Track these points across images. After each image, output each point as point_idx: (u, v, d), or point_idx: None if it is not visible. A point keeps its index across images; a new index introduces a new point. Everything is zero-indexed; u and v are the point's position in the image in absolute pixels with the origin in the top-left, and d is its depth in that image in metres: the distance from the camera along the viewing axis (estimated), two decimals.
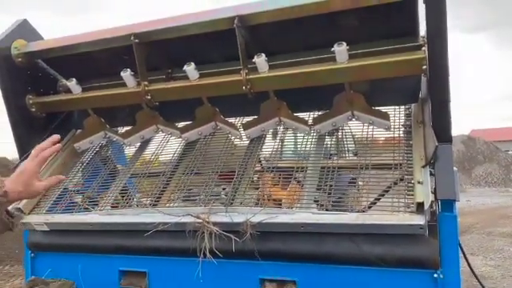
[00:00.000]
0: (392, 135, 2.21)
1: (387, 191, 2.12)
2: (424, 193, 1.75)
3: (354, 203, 2.17)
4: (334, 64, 2.04)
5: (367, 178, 2.13)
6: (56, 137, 1.55)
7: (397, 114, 2.30)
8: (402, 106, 2.32)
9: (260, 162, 2.48)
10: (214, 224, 1.95)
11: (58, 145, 1.54)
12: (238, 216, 1.97)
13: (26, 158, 2.46)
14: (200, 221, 1.96)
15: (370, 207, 2.25)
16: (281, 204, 2.37)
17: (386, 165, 2.10)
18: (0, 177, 1.42)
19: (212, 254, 1.95)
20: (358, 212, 1.92)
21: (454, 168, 2.06)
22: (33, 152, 1.48)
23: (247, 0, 2.10)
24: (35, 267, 2.54)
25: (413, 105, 2.26)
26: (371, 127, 2.25)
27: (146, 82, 2.31)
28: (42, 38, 2.67)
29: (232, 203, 2.08)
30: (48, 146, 1.50)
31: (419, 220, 1.72)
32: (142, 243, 2.21)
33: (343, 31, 2.12)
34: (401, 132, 2.21)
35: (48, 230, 2.38)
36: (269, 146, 2.42)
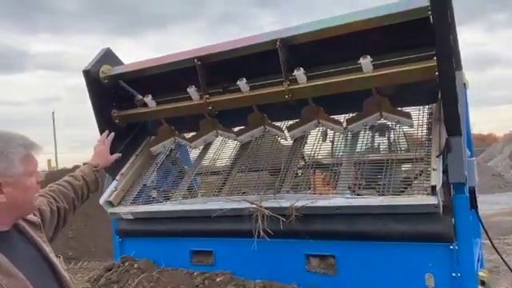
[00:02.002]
0: (416, 132, 2.57)
1: (411, 182, 2.46)
2: (437, 177, 2.10)
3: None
4: (362, 73, 2.43)
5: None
6: (107, 132, 2.60)
7: (421, 113, 2.65)
8: (426, 106, 2.66)
9: (303, 158, 2.90)
10: (266, 208, 2.40)
11: (112, 133, 2.60)
12: (284, 201, 2.40)
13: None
14: (254, 206, 2.42)
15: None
16: None
17: (411, 159, 2.47)
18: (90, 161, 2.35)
19: (264, 233, 2.39)
20: (383, 196, 2.28)
21: (473, 158, 2.40)
22: (100, 141, 2.50)
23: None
24: (122, 250, 3.09)
25: (434, 104, 2.60)
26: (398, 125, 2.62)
27: (207, 96, 2.81)
28: (121, 62, 3.25)
29: (280, 191, 2.52)
30: (106, 136, 2.53)
31: (433, 200, 2.08)
32: (209, 227, 2.69)
33: (370, 45, 2.50)
34: (424, 128, 2.56)
35: (132, 218, 2.94)
36: (310, 144, 2.83)
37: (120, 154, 2.62)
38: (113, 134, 2.58)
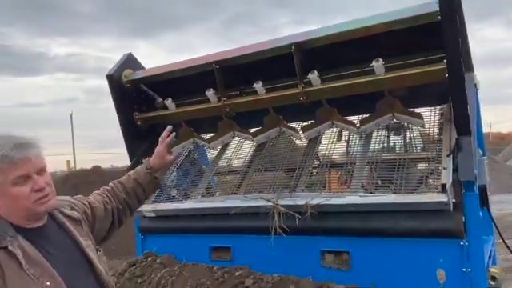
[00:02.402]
0: (428, 132, 2.65)
1: (422, 181, 2.53)
2: (447, 176, 2.18)
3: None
4: (374, 76, 2.52)
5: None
6: (170, 127, 2.27)
7: (433, 113, 2.72)
8: (438, 107, 2.74)
9: (318, 157, 3.00)
10: (282, 206, 2.50)
11: (173, 133, 2.27)
12: (300, 199, 2.50)
13: (136, 158, 3.19)
14: (271, 203, 2.52)
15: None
16: None
17: (422, 158, 2.54)
18: (148, 158, 2.19)
19: (281, 230, 2.49)
20: (396, 194, 2.37)
21: (484, 157, 2.46)
22: (160, 140, 2.19)
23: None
24: (144, 246, 3.23)
25: (445, 105, 2.67)
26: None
27: (224, 98, 2.93)
28: (142, 67, 3.40)
29: (295, 190, 2.62)
30: (167, 135, 2.21)
31: (443, 198, 2.16)
32: (227, 224, 2.80)
33: (382, 49, 2.58)
34: (435, 129, 2.64)
35: (155, 216, 3.07)
36: (325, 144, 2.92)
37: (178, 153, 2.44)
38: (174, 134, 2.26)
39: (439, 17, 2.18)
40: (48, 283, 1.39)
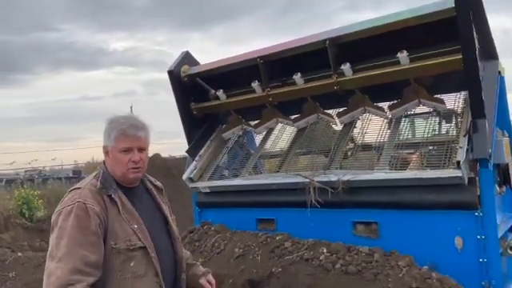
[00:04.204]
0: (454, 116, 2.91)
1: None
2: (462, 154, 2.46)
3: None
4: (399, 66, 2.82)
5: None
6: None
7: (457, 99, 2.97)
8: (462, 92, 2.98)
9: (353, 140, 3.33)
10: (317, 182, 2.87)
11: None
12: (333, 176, 2.87)
13: (193, 142, 3.67)
14: (307, 180, 2.91)
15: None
16: None
17: (443, 142, 2.82)
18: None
19: (316, 203, 2.85)
20: (417, 170, 2.67)
21: (505, 138, 2.71)
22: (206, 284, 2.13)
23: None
24: (201, 218, 3.72)
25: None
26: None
27: (268, 89, 3.33)
28: (198, 62, 3.86)
29: (329, 168, 2.99)
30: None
31: (458, 173, 2.44)
32: (271, 199, 3.22)
33: (408, 40, 2.86)
34: (458, 112, 2.89)
35: (209, 191, 3.54)
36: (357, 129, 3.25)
37: None
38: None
39: (455, 12, 2.44)
40: (135, 226, 1.83)
